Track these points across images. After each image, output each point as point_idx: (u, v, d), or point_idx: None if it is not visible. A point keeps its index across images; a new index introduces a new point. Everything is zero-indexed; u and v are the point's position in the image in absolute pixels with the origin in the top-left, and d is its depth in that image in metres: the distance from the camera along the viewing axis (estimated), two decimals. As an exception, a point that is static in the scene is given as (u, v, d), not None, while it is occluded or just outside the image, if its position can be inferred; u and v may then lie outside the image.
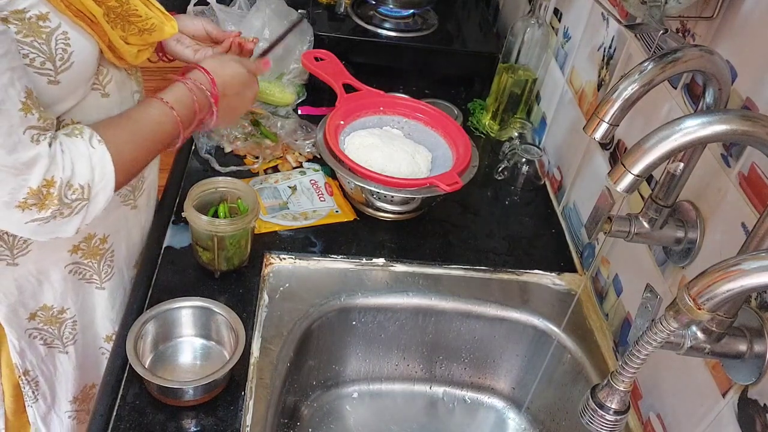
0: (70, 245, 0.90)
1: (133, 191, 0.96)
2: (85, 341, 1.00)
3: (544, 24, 1.29)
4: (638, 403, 0.89)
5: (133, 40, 0.83)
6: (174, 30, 0.88)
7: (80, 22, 0.74)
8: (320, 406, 1.05)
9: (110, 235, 0.95)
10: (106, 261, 0.96)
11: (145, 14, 0.82)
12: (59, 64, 0.74)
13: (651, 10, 0.77)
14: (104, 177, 0.77)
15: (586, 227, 1.09)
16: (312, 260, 1.03)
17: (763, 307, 0.70)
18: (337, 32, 1.45)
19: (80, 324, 0.98)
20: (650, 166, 0.60)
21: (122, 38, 0.81)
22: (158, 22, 0.85)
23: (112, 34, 0.79)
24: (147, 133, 0.84)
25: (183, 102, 0.86)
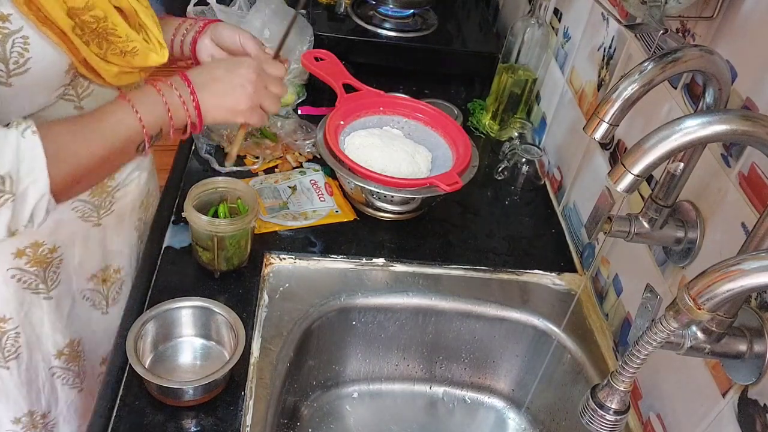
0: (14, 248, 0.85)
1: (96, 209, 0.91)
2: (31, 357, 0.93)
3: (544, 24, 1.29)
4: (638, 403, 0.89)
5: (114, 60, 0.79)
6: (161, 59, 0.83)
7: (47, 31, 0.71)
8: (320, 406, 1.05)
9: (61, 246, 0.89)
10: (53, 268, 0.90)
11: (125, 35, 0.78)
12: (12, 67, 0.71)
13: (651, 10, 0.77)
14: (33, 171, 0.69)
15: (586, 227, 1.09)
16: (312, 260, 1.03)
17: (763, 307, 0.70)
18: (337, 32, 1.45)
19: (25, 337, 0.91)
20: (650, 166, 0.60)
21: (99, 55, 0.77)
22: (141, 46, 0.80)
23: (85, 50, 0.75)
24: (97, 131, 0.76)
25: (148, 101, 0.79)
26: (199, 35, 0.95)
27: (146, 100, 0.79)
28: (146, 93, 0.79)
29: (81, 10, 0.73)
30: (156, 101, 0.79)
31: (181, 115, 0.81)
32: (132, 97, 0.78)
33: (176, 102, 0.80)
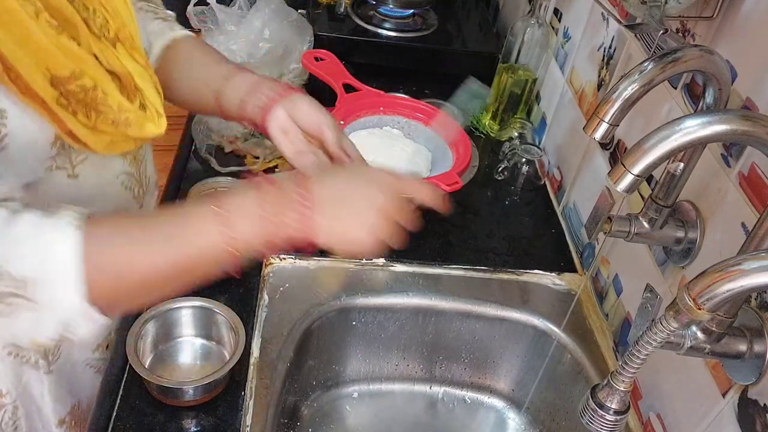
0: None
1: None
2: (31, 428, 0.84)
3: (544, 24, 1.29)
4: (638, 403, 0.89)
5: (105, 128, 0.68)
6: (158, 130, 0.72)
7: (27, 101, 0.60)
8: (320, 406, 1.05)
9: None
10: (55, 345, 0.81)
11: (117, 105, 0.67)
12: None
13: (651, 10, 0.77)
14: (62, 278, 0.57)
15: (586, 227, 1.09)
16: (312, 260, 1.03)
17: (763, 307, 0.70)
18: (337, 32, 1.45)
19: (24, 410, 0.82)
20: (650, 166, 0.60)
21: (88, 126, 0.66)
22: (135, 117, 0.70)
23: (72, 121, 0.64)
24: (167, 240, 0.62)
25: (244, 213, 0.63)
26: (274, 103, 0.81)
27: (242, 212, 0.63)
28: (244, 202, 0.63)
29: (66, 78, 0.63)
30: (254, 215, 0.63)
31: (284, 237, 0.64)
32: (223, 205, 0.62)
33: (283, 222, 0.63)
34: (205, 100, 0.86)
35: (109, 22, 0.70)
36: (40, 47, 0.60)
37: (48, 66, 0.61)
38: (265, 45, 1.27)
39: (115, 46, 0.71)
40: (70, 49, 0.63)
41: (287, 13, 1.32)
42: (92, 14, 0.68)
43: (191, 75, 0.88)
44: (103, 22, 0.69)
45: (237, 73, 0.86)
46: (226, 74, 0.85)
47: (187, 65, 0.88)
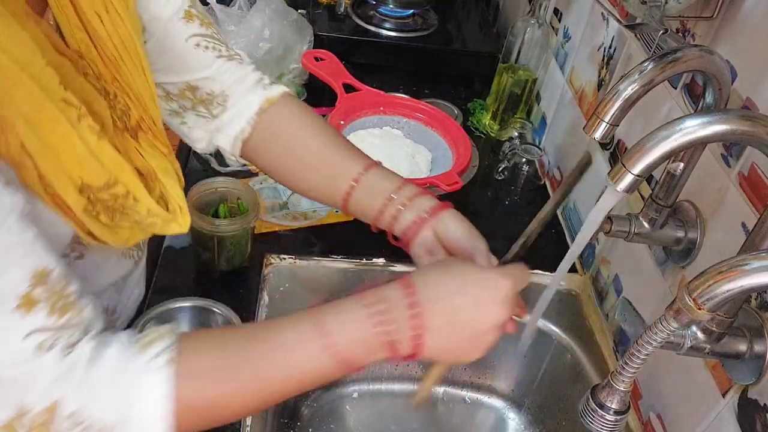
0: None
1: None
2: None
3: (544, 24, 1.29)
4: (638, 403, 0.89)
5: (124, 224, 0.64)
6: (182, 229, 0.67)
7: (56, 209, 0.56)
8: (320, 406, 1.05)
9: None
10: None
11: (147, 211, 0.63)
12: None
13: (651, 10, 0.77)
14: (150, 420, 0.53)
15: (586, 227, 1.09)
16: (312, 260, 1.03)
17: (763, 307, 0.70)
18: (337, 32, 1.45)
19: None
20: (650, 166, 0.60)
21: (108, 225, 0.61)
22: (162, 221, 0.65)
23: (93, 224, 0.60)
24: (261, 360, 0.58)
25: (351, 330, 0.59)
26: (423, 225, 0.74)
27: (350, 335, 0.59)
28: (350, 322, 0.60)
29: (99, 188, 0.59)
30: (362, 338, 0.59)
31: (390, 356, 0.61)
32: (326, 323, 0.59)
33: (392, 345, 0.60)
34: (326, 193, 0.79)
35: (130, 109, 0.64)
36: (77, 157, 0.56)
37: (81, 175, 0.57)
38: (265, 45, 1.27)
39: (137, 136, 0.65)
40: (109, 156, 0.58)
41: (287, 13, 1.32)
42: (113, 101, 0.63)
43: (306, 164, 0.79)
44: (124, 109, 0.64)
45: (368, 172, 0.76)
46: (354, 174, 0.76)
47: (299, 150, 0.79)
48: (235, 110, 0.79)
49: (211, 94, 0.78)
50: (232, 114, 0.79)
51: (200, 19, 0.77)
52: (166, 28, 0.74)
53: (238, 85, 0.79)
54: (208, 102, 0.79)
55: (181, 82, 0.78)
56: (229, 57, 0.79)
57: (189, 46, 0.76)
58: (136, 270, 0.81)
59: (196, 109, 0.79)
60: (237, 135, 0.79)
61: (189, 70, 0.77)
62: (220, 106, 0.79)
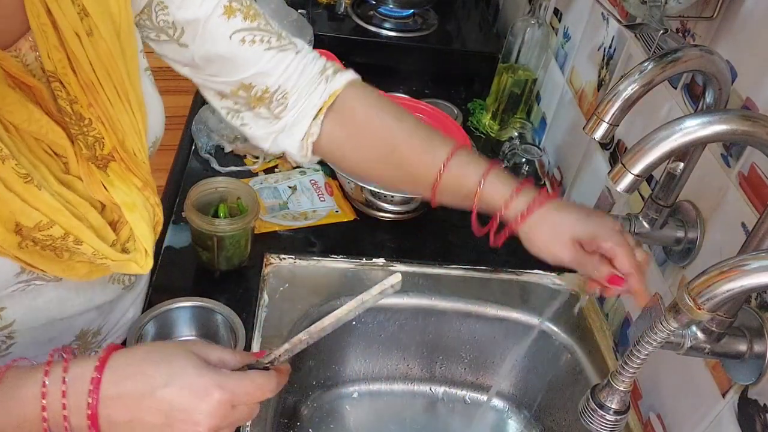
0: None
1: None
2: None
3: (544, 24, 1.29)
4: (638, 403, 0.89)
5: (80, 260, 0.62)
6: (143, 270, 0.64)
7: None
8: (320, 406, 1.05)
9: None
10: None
11: (93, 251, 0.60)
12: None
13: (651, 10, 0.77)
14: None
15: (586, 227, 1.09)
16: (312, 260, 1.03)
17: (763, 307, 0.70)
18: (337, 32, 1.45)
19: None
20: (650, 166, 0.60)
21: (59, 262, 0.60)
22: (114, 263, 0.62)
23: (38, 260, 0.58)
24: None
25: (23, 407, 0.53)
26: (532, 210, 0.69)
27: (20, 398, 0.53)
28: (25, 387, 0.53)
29: (31, 228, 0.56)
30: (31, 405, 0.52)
31: None
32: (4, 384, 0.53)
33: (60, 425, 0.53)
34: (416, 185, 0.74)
35: (104, 138, 0.62)
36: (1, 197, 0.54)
37: (12, 216, 0.55)
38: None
39: (107, 167, 0.63)
40: (37, 200, 0.56)
41: (287, 13, 1.32)
42: (86, 127, 0.61)
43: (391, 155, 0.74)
44: (96, 138, 0.61)
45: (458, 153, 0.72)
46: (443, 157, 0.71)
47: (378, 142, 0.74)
48: (298, 109, 0.74)
49: (267, 91, 0.73)
50: (295, 114, 0.74)
51: (243, 12, 0.71)
52: (206, 29, 0.69)
53: (298, 78, 0.73)
54: (267, 100, 0.73)
55: (233, 81, 0.72)
56: (281, 48, 0.73)
57: (234, 44, 0.70)
58: (129, 294, 0.79)
59: (256, 109, 0.74)
60: (303, 138, 0.74)
61: (238, 70, 0.72)
62: (281, 105, 0.73)
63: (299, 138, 0.75)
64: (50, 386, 0.52)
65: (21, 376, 0.54)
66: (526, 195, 0.70)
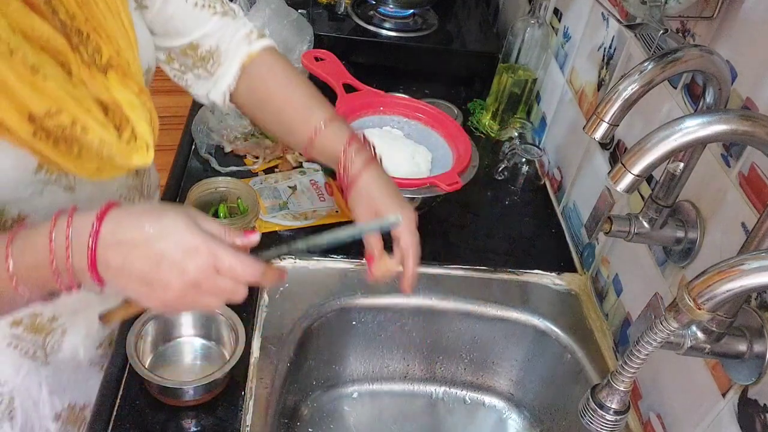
0: (10, 318, 0.78)
1: None
2: (27, 420, 0.85)
3: (544, 24, 1.29)
4: (638, 403, 0.89)
5: (90, 157, 0.67)
6: (145, 161, 0.71)
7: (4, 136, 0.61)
8: (320, 406, 1.05)
9: (62, 316, 0.83)
10: (55, 337, 0.83)
11: (99, 141, 0.66)
12: None
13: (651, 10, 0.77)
14: None
15: (586, 227, 1.09)
16: (312, 260, 1.03)
17: (763, 307, 0.70)
18: (337, 32, 1.45)
19: (20, 400, 0.84)
20: (650, 166, 0.60)
21: (72, 155, 0.65)
22: (118, 150, 0.68)
23: (52, 152, 0.64)
24: None
25: (34, 253, 0.60)
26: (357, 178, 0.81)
27: (30, 245, 0.60)
28: (37, 235, 0.60)
29: (42, 116, 0.62)
30: (40, 250, 0.60)
31: (68, 281, 0.61)
32: (17, 237, 0.61)
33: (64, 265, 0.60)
34: (296, 140, 0.86)
35: (102, 48, 0.68)
36: (11, 87, 0.59)
37: (24, 103, 0.60)
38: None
39: (107, 73, 0.69)
40: (45, 89, 0.62)
41: (287, 13, 1.32)
42: (85, 39, 0.67)
43: (281, 114, 0.86)
44: (95, 48, 0.68)
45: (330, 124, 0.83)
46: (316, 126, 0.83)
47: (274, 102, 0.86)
48: (226, 66, 0.85)
49: (209, 51, 0.84)
50: (224, 70, 0.85)
51: None
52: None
53: (230, 39, 0.85)
54: (207, 60, 0.85)
55: (184, 43, 0.83)
56: (224, 13, 0.85)
57: (188, 7, 0.81)
58: None
59: (195, 71, 0.85)
60: (225, 90, 0.86)
61: (190, 31, 0.82)
62: (216, 63, 0.85)
63: (223, 90, 0.86)
64: (56, 234, 0.59)
65: (33, 227, 0.61)
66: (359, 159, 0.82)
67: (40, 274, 0.60)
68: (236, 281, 0.63)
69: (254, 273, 0.63)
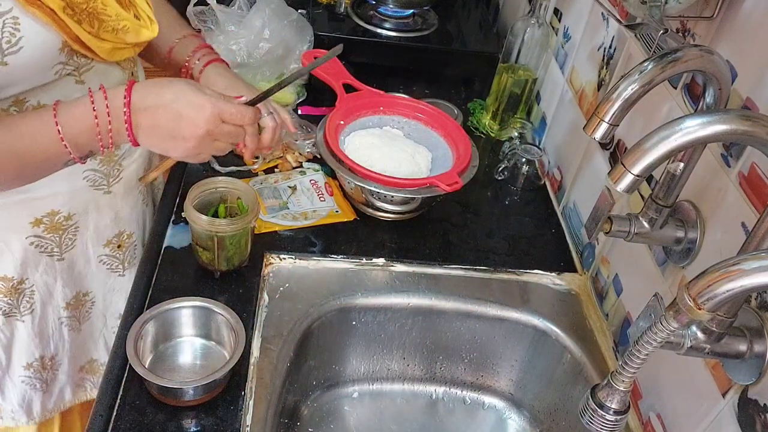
0: (32, 217, 0.91)
1: (106, 177, 0.96)
2: (43, 312, 1.01)
3: (544, 24, 1.29)
4: (638, 403, 0.89)
5: (107, 36, 0.82)
6: (153, 34, 0.86)
7: (35, 10, 0.74)
8: (320, 406, 1.05)
9: (76, 214, 0.95)
10: (68, 235, 0.97)
11: (116, 14, 0.81)
12: (6, 47, 0.74)
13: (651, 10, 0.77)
14: None
15: (586, 227, 1.09)
16: (312, 260, 1.03)
17: (763, 307, 0.70)
18: (337, 32, 1.45)
19: (39, 294, 0.99)
20: (650, 166, 0.60)
21: (92, 33, 0.79)
22: (132, 24, 0.83)
23: (77, 28, 0.77)
24: (13, 134, 0.77)
25: (76, 115, 0.78)
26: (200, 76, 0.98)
27: (74, 114, 0.78)
28: (77, 107, 0.78)
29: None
30: (84, 118, 0.78)
31: (107, 141, 0.80)
32: (60, 109, 0.78)
33: (106, 128, 0.79)
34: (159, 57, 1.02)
35: None
36: None
37: None
38: (265, 45, 1.27)
39: None
40: None
41: (287, 13, 1.32)
42: None
43: None
44: None
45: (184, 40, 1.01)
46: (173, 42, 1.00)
47: None
48: None
49: None
50: None
51: None
52: None
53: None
54: None
55: None
56: None
57: None
58: None
59: None
60: None
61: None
62: None
63: None
64: (97, 103, 0.78)
65: (71, 102, 0.79)
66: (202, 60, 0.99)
67: (84, 137, 0.78)
68: (237, 125, 0.83)
69: (249, 116, 0.84)
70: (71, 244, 0.98)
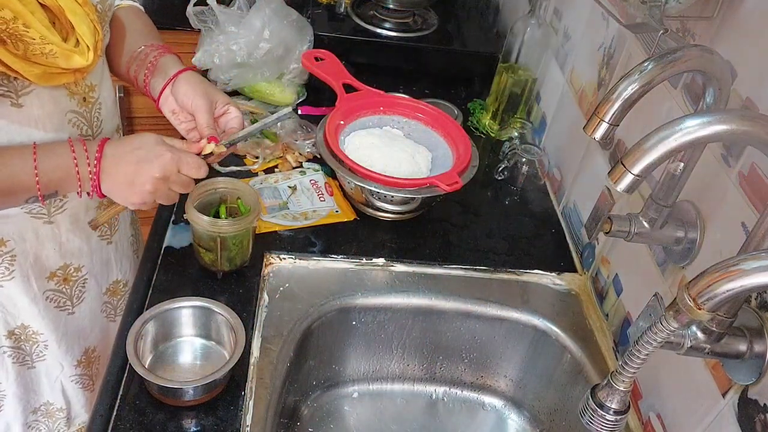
0: None
1: (46, 207, 0.93)
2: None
3: (544, 24, 1.29)
4: (638, 403, 0.89)
5: (37, 60, 0.78)
6: (86, 62, 0.82)
7: None
8: (320, 406, 1.05)
9: (11, 240, 0.92)
10: (5, 264, 0.93)
11: (39, 37, 0.76)
12: None
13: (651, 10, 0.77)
14: None
15: (586, 227, 1.09)
16: (312, 260, 1.03)
17: (763, 307, 0.70)
18: (337, 32, 1.45)
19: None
20: (650, 166, 0.60)
21: (18, 55, 0.76)
22: (60, 49, 0.79)
23: (5, 55, 0.74)
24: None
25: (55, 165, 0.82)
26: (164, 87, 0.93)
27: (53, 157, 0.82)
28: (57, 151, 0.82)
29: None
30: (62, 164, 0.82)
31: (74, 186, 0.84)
32: (40, 148, 0.81)
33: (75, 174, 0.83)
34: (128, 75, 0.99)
35: None
36: None
37: None
38: (265, 45, 1.27)
39: None
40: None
41: (287, 13, 1.32)
42: None
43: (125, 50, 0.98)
44: None
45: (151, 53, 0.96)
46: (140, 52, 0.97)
47: (121, 43, 0.98)
48: None
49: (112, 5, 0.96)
50: None
51: None
52: None
53: None
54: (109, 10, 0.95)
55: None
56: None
57: None
58: None
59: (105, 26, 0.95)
60: None
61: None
62: None
63: None
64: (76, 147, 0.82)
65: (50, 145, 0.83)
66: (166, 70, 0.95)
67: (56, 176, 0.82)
68: (189, 176, 0.86)
69: (204, 169, 0.86)
70: (8, 274, 0.94)
